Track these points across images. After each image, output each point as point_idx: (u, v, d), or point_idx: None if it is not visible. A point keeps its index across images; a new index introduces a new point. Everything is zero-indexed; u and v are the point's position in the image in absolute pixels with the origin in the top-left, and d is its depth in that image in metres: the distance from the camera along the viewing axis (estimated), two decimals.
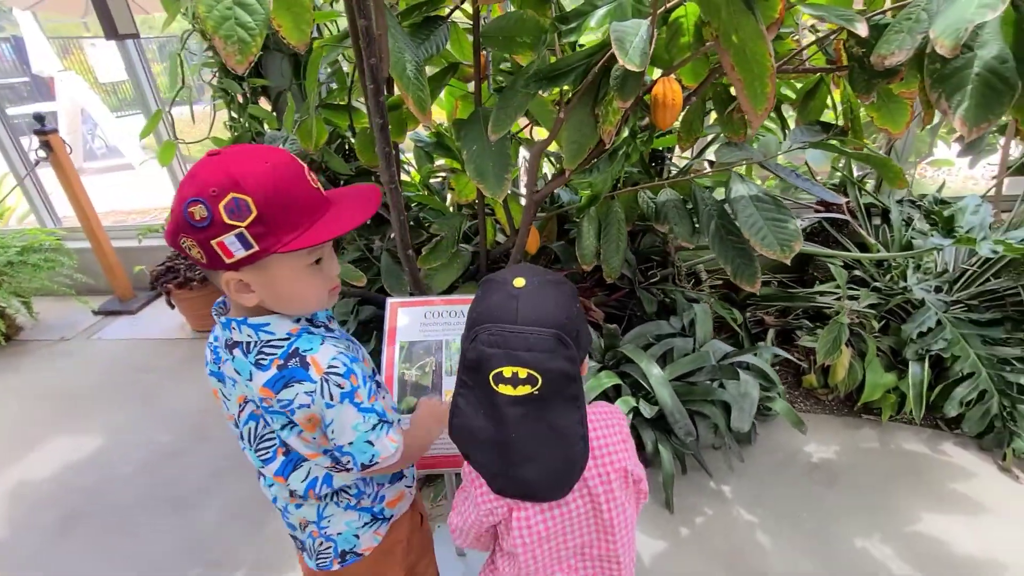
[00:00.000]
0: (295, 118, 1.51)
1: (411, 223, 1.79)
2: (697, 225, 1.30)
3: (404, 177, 1.94)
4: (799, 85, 1.44)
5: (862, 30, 0.85)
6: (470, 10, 1.48)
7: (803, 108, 1.38)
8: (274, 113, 1.92)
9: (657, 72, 1.17)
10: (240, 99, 1.91)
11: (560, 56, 1.13)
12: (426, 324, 1.11)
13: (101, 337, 2.35)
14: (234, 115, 1.96)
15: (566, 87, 1.07)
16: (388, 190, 1.08)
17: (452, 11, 1.32)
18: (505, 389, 0.56)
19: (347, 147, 2.03)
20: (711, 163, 1.86)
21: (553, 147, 1.27)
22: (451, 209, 1.96)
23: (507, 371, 0.55)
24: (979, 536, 1.22)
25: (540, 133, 2.01)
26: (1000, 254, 1.24)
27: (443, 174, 2.14)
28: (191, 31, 1.84)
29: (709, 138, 1.90)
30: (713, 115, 1.46)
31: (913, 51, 0.83)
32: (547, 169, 2.10)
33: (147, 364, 2.12)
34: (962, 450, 1.44)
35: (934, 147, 2.60)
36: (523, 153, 1.88)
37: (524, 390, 0.55)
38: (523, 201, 1.87)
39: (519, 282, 0.59)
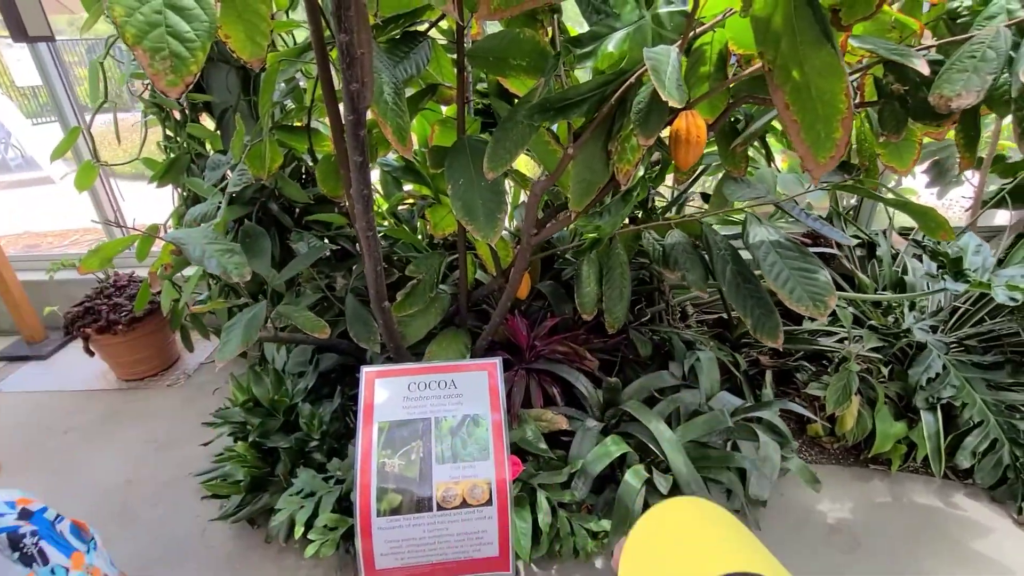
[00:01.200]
0: (244, 141, 1.29)
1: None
2: (711, 270, 1.18)
3: None
4: None
5: (923, 68, 0.75)
6: (444, 26, 1.32)
7: None
8: (218, 132, 1.68)
9: None
10: (177, 116, 1.66)
11: (565, 84, 0.99)
12: (410, 398, 0.92)
13: (2, 389, 1.99)
14: (169, 133, 1.70)
15: (575, 120, 0.92)
16: (364, 238, 0.89)
17: (431, 27, 1.16)
18: None
19: (304, 171, 1.81)
20: (704, 196, 1.77)
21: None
22: (422, 240, 1.77)
23: None
24: None
25: (520, 165, 1.86)
26: (1020, 302, 1.18)
27: (411, 200, 1.95)
28: (117, 36, 1.58)
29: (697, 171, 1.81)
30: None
31: (984, 92, 0.73)
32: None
33: (60, 422, 1.79)
34: (975, 502, 1.37)
35: (902, 177, 2.65)
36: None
37: None
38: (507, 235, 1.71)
39: None
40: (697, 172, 1.74)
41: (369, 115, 0.86)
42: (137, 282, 2.00)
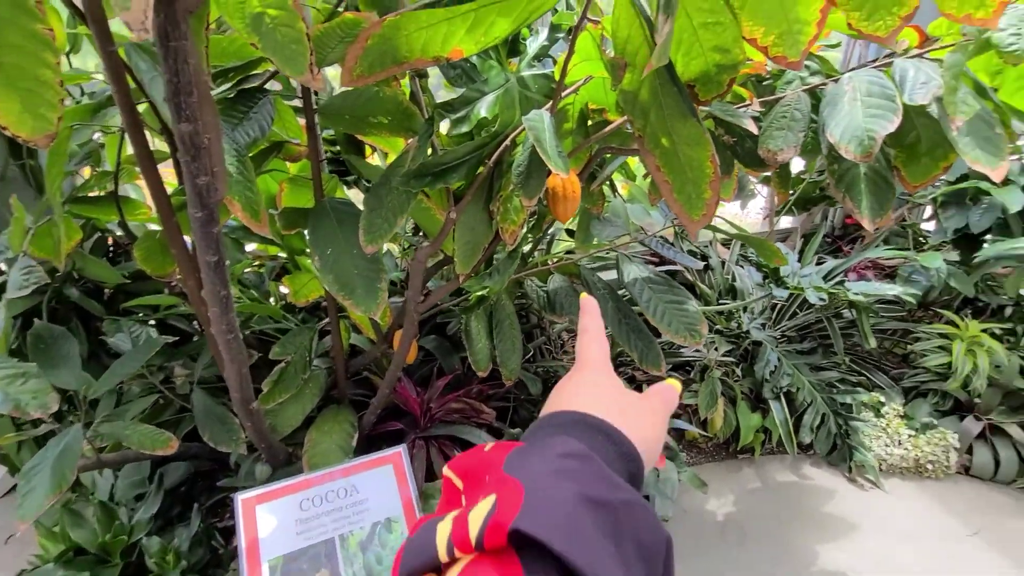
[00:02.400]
0: (27, 224, 1.00)
1: None
2: None
3: None
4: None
5: (752, 127, 0.86)
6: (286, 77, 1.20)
7: (655, 185, 1.44)
8: None
9: None
10: None
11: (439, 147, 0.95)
12: (305, 520, 0.78)
13: None
14: None
15: (454, 183, 0.88)
16: (224, 342, 0.74)
17: (267, 79, 1.03)
18: None
19: (112, 244, 1.49)
20: (568, 232, 1.85)
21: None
22: (277, 306, 1.57)
23: None
24: (865, 555, 1.36)
25: None
26: (826, 302, 1.43)
27: (259, 262, 1.73)
28: None
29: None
30: None
31: (799, 147, 0.87)
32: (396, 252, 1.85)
33: None
34: (819, 470, 1.63)
35: None
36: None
37: None
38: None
39: None
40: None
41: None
42: None
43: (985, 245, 1.61)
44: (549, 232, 1.81)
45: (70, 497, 1.34)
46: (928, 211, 2.33)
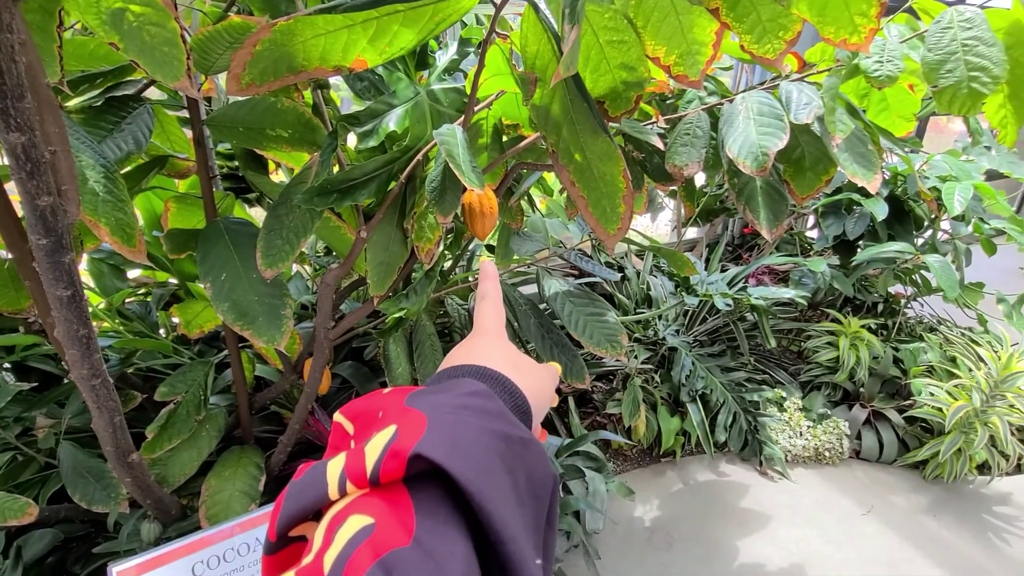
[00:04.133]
0: None
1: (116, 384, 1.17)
2: (517, 327, 1.20)
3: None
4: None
5: (659, 144, 0.89)
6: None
7: (571, 200, 1.46)
8: None
9: None
10: None
11: (342, 159, 0.89)
12: None
13: None
14: None
15: (364, 200, 0.83)
16: (89, 388, 0.63)
17: (144, 87, 0.92)
18: None
19: None
20: (488, 247, 1.84)
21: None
22: (167, 339, 1.40)
23: None
24: (779, 543, 1.44)
25: None
26: (732, 307, 1.52)
27: (144, 289, 1.55)
28: None
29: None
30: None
31: (702, 163, 0.91)
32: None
33: None
34: (734, 466, 1.71)
35: None
36: None
37: None
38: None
39: None
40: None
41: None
42: None
43: (859, 250, 1.80)
44: (469, 248, 1.78)
45: None
46: (811, 220, 2.58)
